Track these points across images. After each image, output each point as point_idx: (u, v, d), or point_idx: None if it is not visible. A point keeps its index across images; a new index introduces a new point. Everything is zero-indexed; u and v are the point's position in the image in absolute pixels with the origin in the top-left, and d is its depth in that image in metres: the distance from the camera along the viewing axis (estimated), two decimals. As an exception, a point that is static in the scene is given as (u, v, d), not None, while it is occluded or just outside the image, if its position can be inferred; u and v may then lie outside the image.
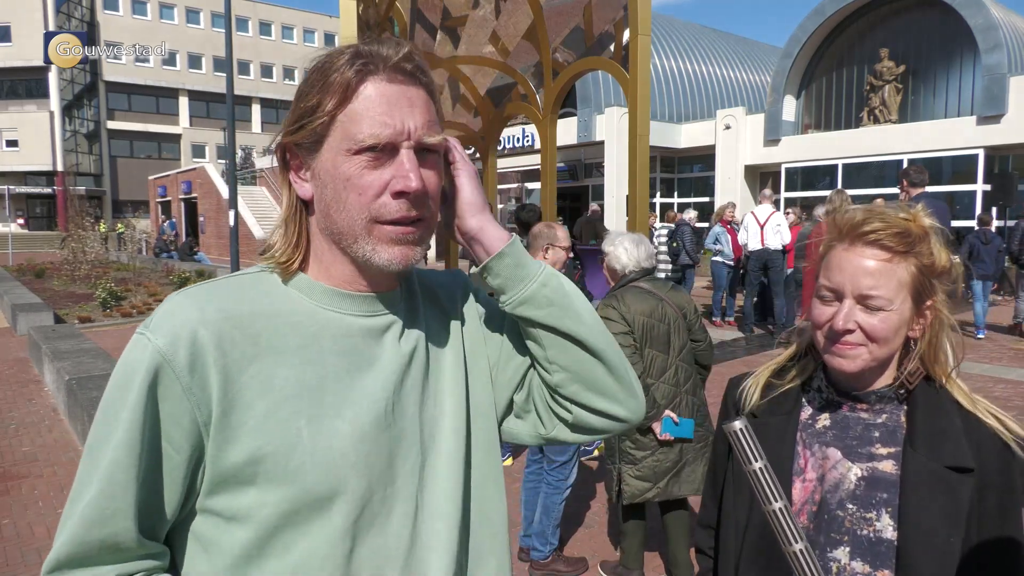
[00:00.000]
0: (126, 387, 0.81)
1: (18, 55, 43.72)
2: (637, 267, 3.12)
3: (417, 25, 9.74)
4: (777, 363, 1.23)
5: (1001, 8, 18.97)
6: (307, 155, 0.88)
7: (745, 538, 1.14)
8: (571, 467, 3.40)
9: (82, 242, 17.78)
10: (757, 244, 9.58)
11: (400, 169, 0.85)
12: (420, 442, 0.93)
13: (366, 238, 0.86)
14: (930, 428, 1.07)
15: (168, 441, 0.82)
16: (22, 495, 4.48)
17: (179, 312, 0.83)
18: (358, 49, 0.87)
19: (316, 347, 0.88)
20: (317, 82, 0.86)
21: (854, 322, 1.04)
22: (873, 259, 1.05)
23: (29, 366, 8.18)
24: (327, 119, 0.85)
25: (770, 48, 31.49)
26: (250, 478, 0.82)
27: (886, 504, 1.06)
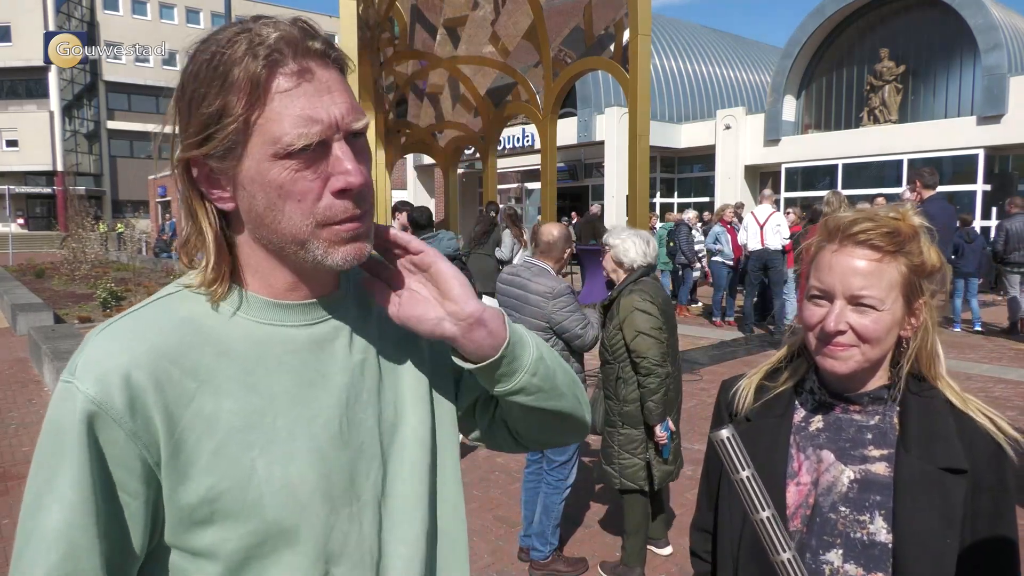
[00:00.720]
0: (61, 444, 0.74)
1: (18, 55, 43.71)
2: (645, 262, 3.20)
3: (417, 25, 9.74)
4: (770, 364, 1.23)
5: (1001, 8, 18.96)
6: (219, 164, 0.78)
7: (741, 543, 1.14)
8: (571, 467, 3.41)
9: (82, 242, 17.78)
10: (757, 244, 9.58)
11: (338, 166, 0.77)
12: (380, 453, 0.89)
13: (315, 243, 0.79)
14: (923, 429, 1.07)
15: (123, 490, 0.76)
16: (22, 495, 4.48)
17: (105, 355, 0.76)
18: (252, 34, 0.75)
19: (261, 370, 0.81)
20: (213, 80, 0.74)
21: (845, 323, 1.04)
22: (863, 259, 1.04)
23: (29, 366, 8.18)
24: (240, 124, 0.75)
25: (770, 48, 31.49)
26: (207, 517, 0.78)
27: (879, 507, 1.06)
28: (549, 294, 3.28)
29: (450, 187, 11.75)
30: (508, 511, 4.11)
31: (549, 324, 3.30)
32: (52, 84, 45.21)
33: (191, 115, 0.77)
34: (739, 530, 1.15)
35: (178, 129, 0.79)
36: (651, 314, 3.05)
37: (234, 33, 0.76)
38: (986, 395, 6.43)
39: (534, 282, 3.34)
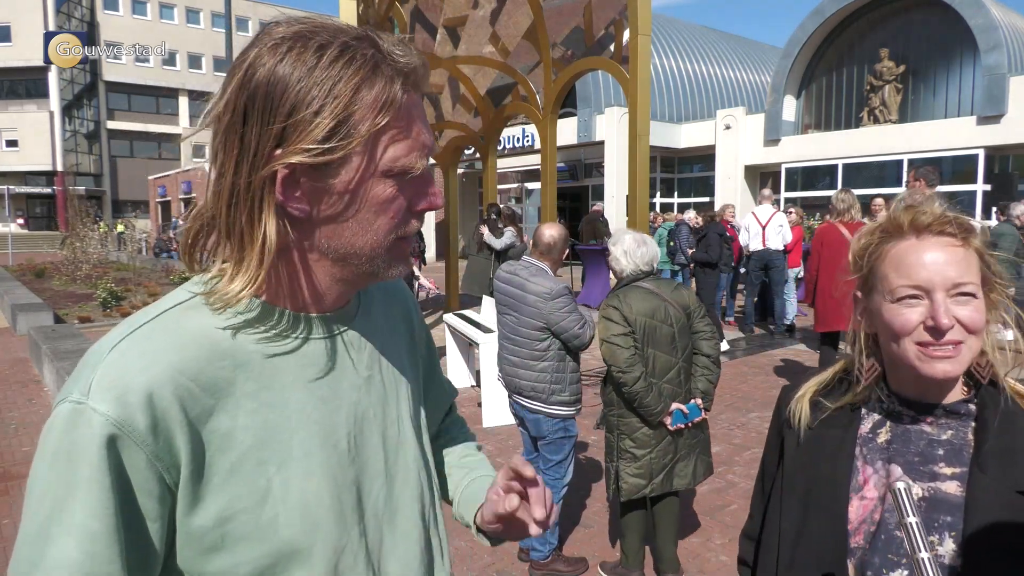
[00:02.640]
0: (74, 471, 0.69)
1: (18, 55, 43.71)
2: (636, 271, 3.12)
3: (417, 25, 9.74)
4: (824, 380, 1.16)
5: (1001, 8, 18.97)
6: (316, 172, 0.75)
7: (796, 550, 1.08)
8: (567, 465, 3.41)
9: (83, 242, 17.78)
10: (759, 245, 9.58)
11: (428, 186, 0.82)
12: (384, 471, 0.89)
13: (385, 256, 0.81)
14: (1000, 447, 0.98)
15: (146, 515, 0.72)
16: (22, 495, 4.48)
17: (123, 375, 0.71)
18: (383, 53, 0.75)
19: (277, 385, 0.79)
20: (342, 90, 0.72)
21: (952, 317, 0.96)
22: (950, 246, 0.98)
23: (29, 366, 8.18)
24: (366, 139, 0.74)
25: (770, 48, 31.49)
26: (217, 542, 0.75)
27: (950, 528, 0.98)
28: (547, 295, 3.28)
29: (450, 187, 11.75)
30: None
31: (546, 324, 3.30)
32: (52, 84, 45.20)
33: (302, 120, 0.72)
34: (792, 532, 1.10)
35: (256, 129, 0.73)
36: (613, 320, 3.03)
37: (353, 39, 0.75)
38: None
39: (532, 282, 3.34)
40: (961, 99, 19.09)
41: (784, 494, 1.13)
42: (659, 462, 3.11)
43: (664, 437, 3.09)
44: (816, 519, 1.07)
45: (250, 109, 0.73)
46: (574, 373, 3.39)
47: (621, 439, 3.15)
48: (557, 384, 3.32)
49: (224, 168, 0.76)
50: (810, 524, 1.07)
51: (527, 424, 3.44)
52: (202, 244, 0.82)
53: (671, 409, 3.04)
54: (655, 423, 3.06)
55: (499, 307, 3.54)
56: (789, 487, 1.12)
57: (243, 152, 0.74)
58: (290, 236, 0.79)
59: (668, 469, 3.12)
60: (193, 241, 0.82)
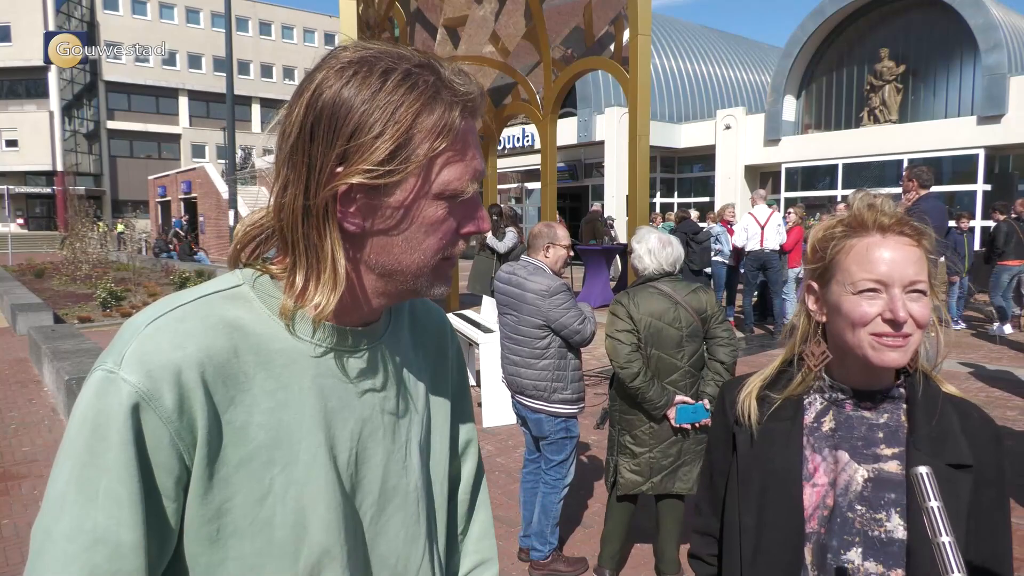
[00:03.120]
0: (102, 436, 0.70)
1: (18, 55, 43.71)
2: (659, 270, 3.12)
3: (417, 25, 9.74)
4: (769, 373, 1.23)
5: (1001, 8, 18.97)
6: (374, 191, 0.78)
7: (757, 542, 1.14)
8: (568, 466, 3.40)
9: (82, 242, 17.79)
10: (756, 245, 9.57)
11: (476, 211, 0.85)
12: (379, 492, 0.89)
13: (430, 275, 0.84)
14: (931, 426, 1.09)
15: (164, 493, 0.74)
16: (22, 495, 4.48)
17: (155, 348, 0.73)
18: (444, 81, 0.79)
19: (295, 387, 0.81)
20: (401, 118, 0.75)
21: (907, 311, 1.03)
22: (907, 246, 1.06)
23: (29, 366, 8.19)
24: (425, 163, 0.77)
25: (770, 48, 31.50)
26: (212, 534, 0.76)
27: (895, 504, 1.07)
28: (545, 292, 3.28)
29: (450, 187, 11.76)
30: (508, 511, 4.11)
31: (546, 322, 3.30)
32: (52, 84, 45.21)
33: (364, 142, 0.75)
34: (753, 525, 1.15)
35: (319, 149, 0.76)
36: (619, 316, 3.05)
37: (415, 66, 0.78)
38: (986, 395, 6.43)
39: (530, 280, 3.34)
40: (961, 99, 19.10)
41: (740, 490, 1.18)
42: (659, 462, 3.11)
43: (667, 438, 3.09)
44: (773, 510, 1.13)
45: (316, 129, 0.76)
46: (576, 371, 3.39)
47: (621, 435, 3.18)
48: (559, 382, 3.32)
49: (289, 184, 0.79)
50: (767, 516, 1.14)
51: (529, 424, 3.44)
52: (258, 252, 0.85)
53: (675, 402, 3.03)
54: (659, 417, 3.06)
55: (500, 307, 3.54)
56: (745, 482, 1.17)
57: (311, 171, 0.77)
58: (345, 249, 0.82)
59: (670, 471, 3.11)
60: (245, 248, 0.85)
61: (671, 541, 3.24)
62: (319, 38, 54.52)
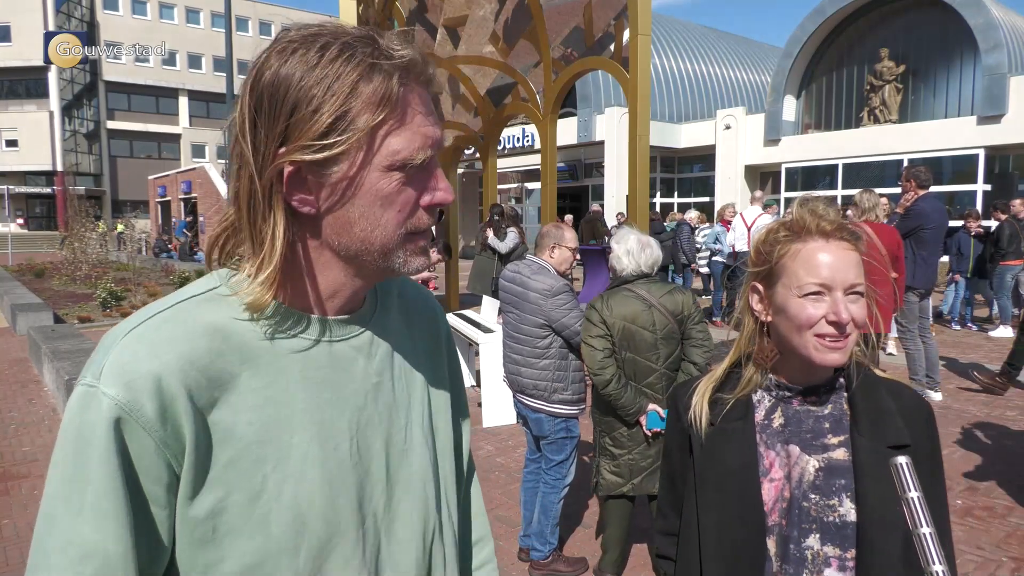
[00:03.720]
0: (85, 452, 0.70)
1: (18, 55, 43.71)
2: (636, 271, 3.10)
3: (417, 25, 9.74)
4: (718, 377, 1.27)
5: (1001, 8, 18.97)
6: (320, 169, 0.77)
7: (719, 539, 1.18)
8: (569, 466, 3.40)
9: (82, 242, 17.79)
10: (744, 246, 9.64)
11: (437, 182, 0.83)
12: (386, 478, 0.89)
13: (399, 252, 0.82)
14: (870, 411, 1.15)
15: (153, 501, 0.74)
16: (22, 495, 4.48)
17: (133, 360, 0.73)
18: (381, 49, 0.77)
19: (282, 383, 0.80)
20: (339, 88, 0.74)
21: (848, 313, 1.09)
22: (847, 250, 1.12)
23: (29, 366, 8.18)
24: (365, 135, 0.75)
25: (770, 48, 31.50)
26: (207, 534, 0.76)
27: (845, 489, 1.12)
28: (548, 292, 3.28)
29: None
30: (508, 511, 4.11)
31: (547, 322, 3.30)
32: (52, 84, 45.20)
33: (302, 118, 0.74)
34: (712, 523, 1.19)
35: (263, 130, 0.76)
36: (592, 322, 3.04)
37: (353, 40, 0.77)
38: (986, 395, 6.42)
39: (533, 280, 3.34)
40: (961, 99, 19.10)
41: (699, 490, 1.22)
42: (639, 464, 3.11)
43: (645, 440, 3.09)
44: (733, 508, 1.18)
45: (258, 111, 0.76)
46: (577, 372, 3.39)
47: (602, 436, 3.19)
48: (559, 383, 3.32)
49: (240, 171, 0.78)
50: (728, 513, 1.18)
51: (530, 423, 3.44)
52: (229, 248, 0.84)
53: (647, 410, 3.03)
54: (632, 423, 3.07)
55: (503, 306, 3.55)
56: (702, 482, 1.22)
57: (255, 154, 0.76)
58: (303, 234, 0.81)
59: (649, 472, 3.10)
60: (218, 244, 0.84)
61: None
62: (319, 38, 54.49)
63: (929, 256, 6.00)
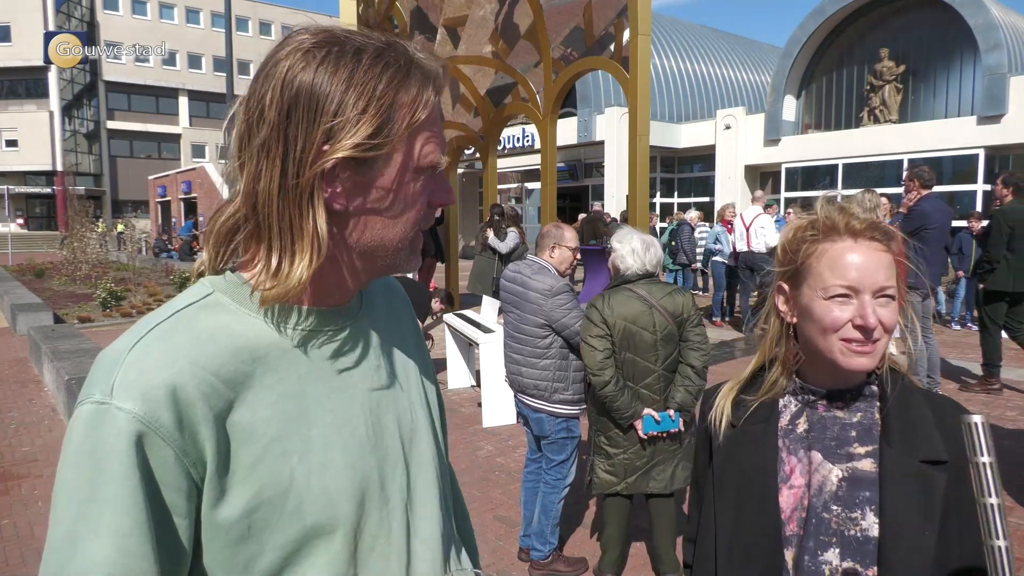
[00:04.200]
0: (101, 470, 0.69)
1: (18, 55, 43.70)
2: (641, 270, 3.10)
3: (417, 25, 9.74)
4: (743, 379, 1.23)
5: (1001, 8, 18.97)
6: (357, 168, 0.79)
7: (733, 544, 1.14)
8: (569, 466, 3.40)
9: (82, 242, 17.79)
10: (743, 246, 9.65)
11: (442, 184, 0.87)
12: (403, 457, 0.92)
13: (407, 250, 0.87)
14: (903, 423, 1.09)
15: (175, 512, 0.74)
16: (22, 495, 4.48)
17: (145, 372, 0.73)
18: (411, 53, 0.82)
19: (293, 376, 0.82)
20: (383, 94, 0.77)
21: (876, 317, 1.04)
22: (878, 251, 1.07)
23: (29, 366, 8.19)
24: (406, 137, 0.80)
25: (770, 48, 31.49)
26: (244, 532, 0.77)
27: (869, 503, 1.07)
28: (548, 292, 3.28)
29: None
30: (508, 511, 4.11)
31: (548, 321, 3.30)
32: (52, 84, 45.19)
33: (348, 118, 0.76)
34: (729, 525, 1.16)
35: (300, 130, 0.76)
36: (592, 321, 3.04)
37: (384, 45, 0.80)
38: (986, 395, 6.43)
39: (534, 279, 3.35)
40: (961, 99, 19.10)
41: (717, 493, 1.19)
42: (633, 463, 3.11)
43: (639, 440, 3.09)
44: (750, 513, 1.13)
45: (293, 111, 0.76)
46: (577, 372, 3.39)
47: (597, 435, 3.19)
48: (560, 383, 3.33)
49: (264, 170, 0.78)
50: (744, 518, 1.14)
51: (531, 423, 3.44)
52: (236, 243, 0.84)
53: (643, 414, 3.02)
54: (626, 426, 3.07)
55: (504, 306, 3.55)
56: (720, 485, 1.18)
57: (288, 152, 0.77)
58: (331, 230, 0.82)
59: (644, 471, 3.11)
60: (224, 240, 0.84)
61: (666, 540, 3.23)
62: (319, 38, 54.48)
63: (933, 256, 6.00)
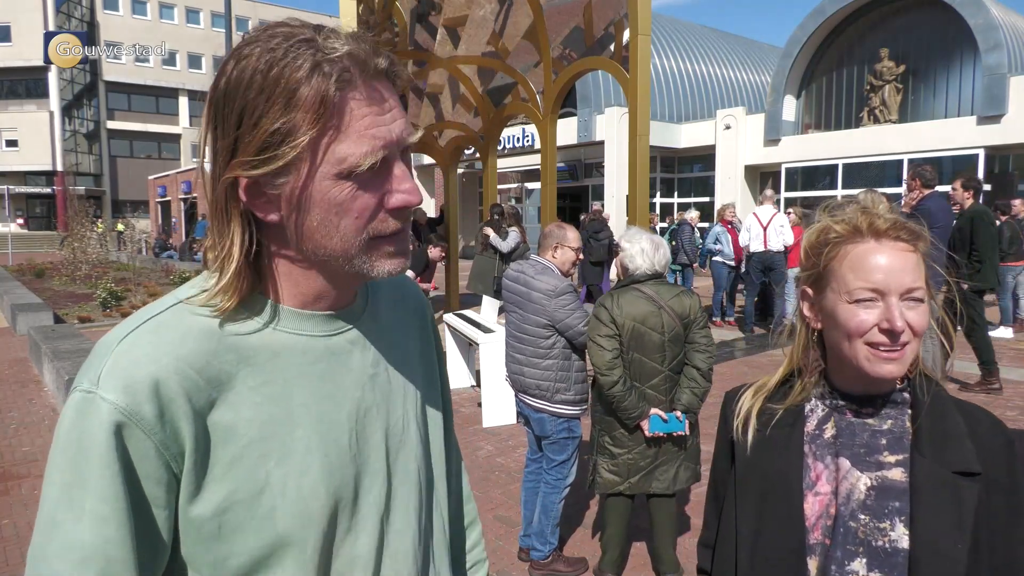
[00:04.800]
0: (85, 457, 0.71)
1: (18, 55, 43.68)
2: (651, 270, 3.10)
3: (417, 25, 9.74)
4: (771, 387, 1.19)
5: (1001, 8, 18.96)
6: (272, 180, 0.76)
7: (755, 551, 1.11)
8: (570, 466, 3.40)
9: (82, 242, 17.78)
10: (760, 246, 9.55)
11: (399, 184, 0.79)
12: (385, 468, 0.90)
13: (364, 257, 0.80)
14: (935, 432, 1.05)
15: (154, 503, 0.75)
16: (22, 495, 4.48)
17: (130, 365, 0.74)
18: (318, 47, 0.74)
19: (280, 380, 0.81)
20: (275, 96, 0.72)
21: (904, 320, 0.99)
22: (904, 251, 1.02)
23: (29, 366, 8.18)
24: (307, 144, 0.73)
25: (770, 48, 31.48)
26: (214, 531, 0.77)
27: (899, 513, 1.03)
28: (552, 292, 3.28)
29: (450, 187, 11.74)
30: (508, 511, 4.11)
31: (551, 322, 3.30)
32: (52, 84, 45.17)
33: (242, 131, 0.74)
34: (750, 534, 1.12)
35: (219, 139, 0.76)
36: (601, 321, 3.04)
37: (295, 43, 0.74)
38: (986, 395, 6.42)
39: (537, 280, 3.35)
40: (961, 99, 19.08)
41: (739, 498, 1.15)
42: (637, 463, 3.12)
43: (644, 440, 3.09)
44: (773, 519, 1.10)
45: (216, 121, 0.76)
46: (579, 372, 3.39)
47: (601, 435, 3.19)
48: (562, 383, 3.33)
49: (207, 177, 0.79)
50: (767, 525, 1.10)
51: (532, 423, 3.44)
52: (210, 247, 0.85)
53: (649, 414, 3.03)
54: (632, 427, 3.07)
55: (507, 306, 3.55)
56: (743, 491, 1.15)
57: (213, 164, 0.77)
58: (279, 240, 0.81)
59: (647, 471, 3.12)
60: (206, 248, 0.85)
61: (666, 540, 3.24)
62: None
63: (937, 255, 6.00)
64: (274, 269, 0.83)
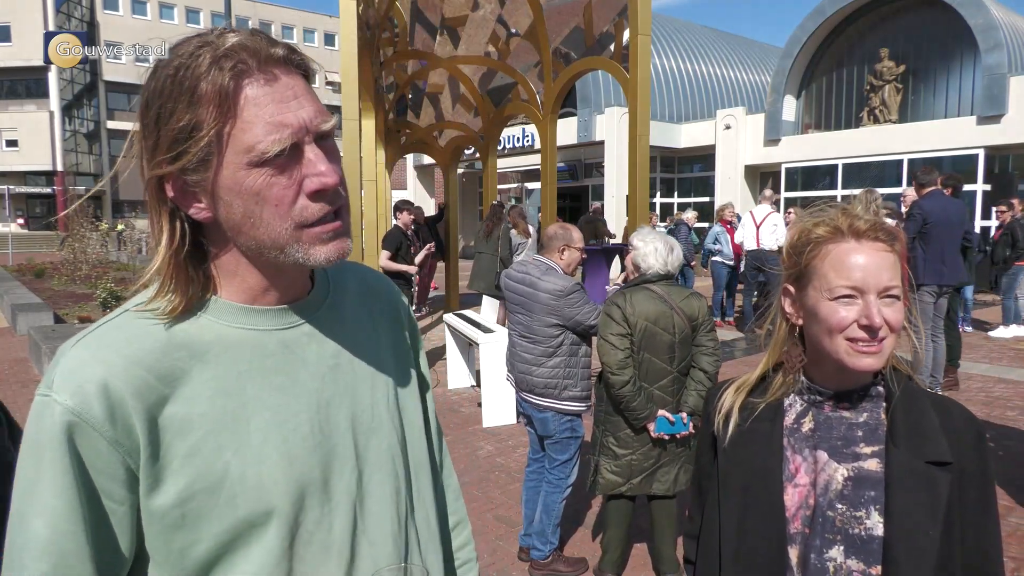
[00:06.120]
0: (40, 455, 0.76)
1: (18, 55, 43.69)
2: (663, 271, 3.11)
3: (417, 25, 9.74)
4: (751, 383, 1.24)
5: (1001, 8, 18.96)
6: (193, 177, 0.79)
7: (738, 543, 1.15)
8: (572, 466, 3.41)
9: (82, 242, 17.79)
10: (752, 244, 9.60)
11: (312, 168, 0.80)
12: (354, 455, 0.91)
13: (295, 245, 0.81)
14: (909, 424, 1.10)
15: (109, 497, 0.78)
16: (22, 495, 4.48)
17: (80, 367, 0.78)
18: (214, 46, 0.77)
19: (233, 373, 0.84)
20: (180, 95, 0.75)
21: (882, 317, 1.05)
22: (882, 251, 1.08)
23: (29, 366, 8.18)
24: (212, 137, 0.76)
25: (770, 48, 31.47)
26: (177, 521, 0.80)
27: (874, 502, 1.08)
28: (560, 292, 3.30)
29: (450, 187, 11.74)
30: (508, 511, 4.11)
31: (562, 320, 3.31)
32: (52, 84, 45.18)
33: (159, 132, 0.77)
34: (733, 528, 1.16)
35: (144, 141, 0.80)
36: (613, 319, 3.04)
37: (196, 46, 0.77)
38: (986, 395, 6.43)
39: (543, 280, 3.35)
40: (961, 99, 19.08)
41: (721, 491, 1.20)
42: (640, 465, 3.12)
43: (649, 441, 3.10)
44: (755, 511, 1.15)
45: (143, 129, 0.80)
46: (585, 369, 3.41)
47: (605, 435, 3.19)
48: (569, 379, 3.34)
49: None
50: (749, 516, 1.15)
51: (535, 423, 3.44)
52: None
53: (656, 415, 3.04)
54: (639, 427, 3.07)
55: (510, 306, 3.55)
56: (725, 484, 1.19)
57: (140, 165, 0.81)
58: (217, 236, 0.84)
59: (649, 473, 3.12)
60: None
61: (667, 540, 3.24)
62: (319, 38, 54.49)
63: (939, 253, 5.97)
64: (218, 267, 0.86)
